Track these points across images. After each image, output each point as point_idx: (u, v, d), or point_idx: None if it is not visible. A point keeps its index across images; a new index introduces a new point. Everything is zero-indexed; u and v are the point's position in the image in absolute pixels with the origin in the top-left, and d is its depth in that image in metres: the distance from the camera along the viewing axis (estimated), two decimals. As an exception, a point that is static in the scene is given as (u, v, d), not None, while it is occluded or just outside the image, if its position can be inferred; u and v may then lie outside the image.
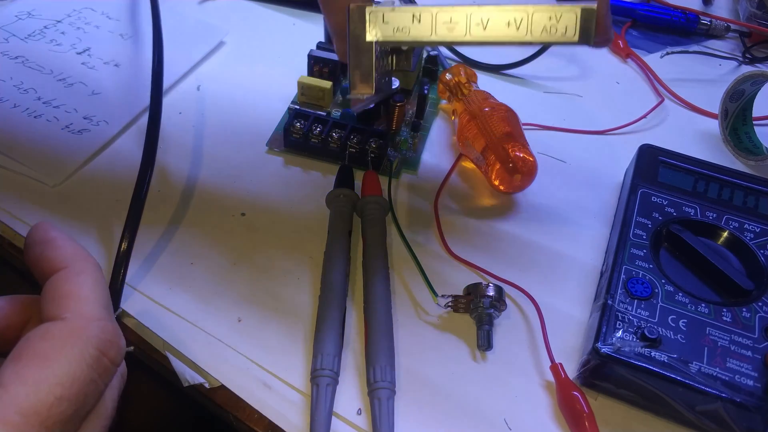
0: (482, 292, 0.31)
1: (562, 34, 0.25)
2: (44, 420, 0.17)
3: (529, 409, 0.29)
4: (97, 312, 0.20)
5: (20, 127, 0.39)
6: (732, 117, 0.43)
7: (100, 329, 0.20)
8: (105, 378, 0.20)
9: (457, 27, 0.25)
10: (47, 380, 0.18)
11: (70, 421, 0.18)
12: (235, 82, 0.45)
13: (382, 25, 0.26)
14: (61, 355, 0.18)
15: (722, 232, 0.33)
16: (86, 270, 0.21)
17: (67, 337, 0.19)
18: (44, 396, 0.17)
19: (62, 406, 0.18)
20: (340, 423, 0.28)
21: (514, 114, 0.39)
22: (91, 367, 0.19)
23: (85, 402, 0.19)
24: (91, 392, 0.19)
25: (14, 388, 0.17)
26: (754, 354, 0.28)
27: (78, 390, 0.18)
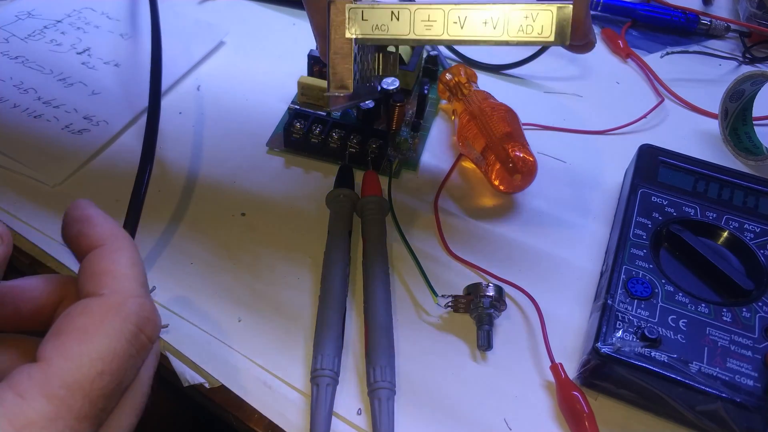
0: (482, 292, 0.31)
1: (538, 34, 0.25)
2: (88, 394, 0.17)
3: (529, 409, 0.29)
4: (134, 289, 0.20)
5: (20, 127, 0.39)
6: (732, 117, 0.43)
7: (138, 306, 0.20)
8: (142, 354, 0.20)
9: (435, 25, 0.26)
10: (88, 354, 0.18)
11: (111, 395, 0.18)
12: (235, 82, 0.45)
13: (362, 23, 0.26)
14: (100, 330, 0.19)
15: (722, 232, 0.33)
16: (123, 248, 0.21)
17: (105, 312, 0.19)
18: (87, 370, 0.18)
19: (104, 381, 0.18)
20: (340, 423, 0.28)
21: (514, 114, 0.39)
22: (129, 342, 0.19)
23: (124, 377, 0.19)
24: (129, 367, 0.19)
25: (57, 362, 0.18)
26: (754, 354, 0.28)
27: (118, 365, 0.19)
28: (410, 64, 0.43)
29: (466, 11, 0.25)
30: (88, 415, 0.17)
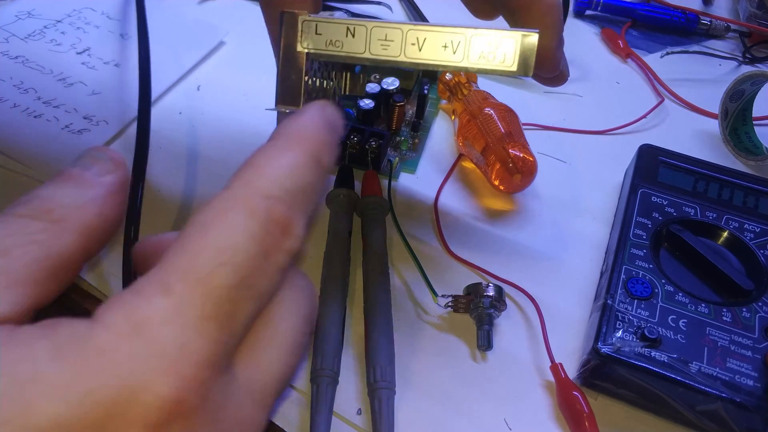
0: (482, 292, 0.31)
1: (501, 62, 0.23)
2: (208, 290, 0.15)
3: (529, 409, 0.29)
4: (271, 189, 0.17)
5: (20, 127, 0.39)
6: (732, 117, 0.43)
7: (267, 207, 0.17)
8: (272, 262, 0.17)
9: (392, 45, 0.24)
10: (207, 247, 0.16)
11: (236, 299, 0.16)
12: (235, 82, 0.45)
13: (315, 37, 0.25)
14: (221, 223, 0.16)
15: (722, 232, 0.33)
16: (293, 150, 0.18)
17: (229, 205, 0.17)
18: (204, 261, 0.16)
19: (224, 275, 0.16)
20: (340, 423, 0.28)
21: (514, 114, 0.39)
22: (253, 240, 0.16)
23: (251, 282, 0.16)
24: (256, 271, 0.16)
25: (174, 258, 0.16)
26: (754, 354, 0.28)
27: (240, 261, 0.16)
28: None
29: (425, 33, 0.24)
30: (211, 315, 0.15)
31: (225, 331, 0.16)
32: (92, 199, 0.18)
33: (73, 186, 0.18)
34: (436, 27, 0.23)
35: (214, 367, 0.15)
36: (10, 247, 0.16)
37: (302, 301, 0.19)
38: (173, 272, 0.16)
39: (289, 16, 0.25)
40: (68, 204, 0.18)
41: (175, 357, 0.14)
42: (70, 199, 0.18)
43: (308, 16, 0.24)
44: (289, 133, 0.19)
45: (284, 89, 0.26)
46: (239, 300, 0.16)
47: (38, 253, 0.16)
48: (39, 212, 0.17)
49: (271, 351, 0.18)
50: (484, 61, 0.23)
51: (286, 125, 0.20)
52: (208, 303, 0.15)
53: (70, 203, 0.18)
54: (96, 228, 0.18)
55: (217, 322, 0.15)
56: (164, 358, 0.14)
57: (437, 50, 0.24)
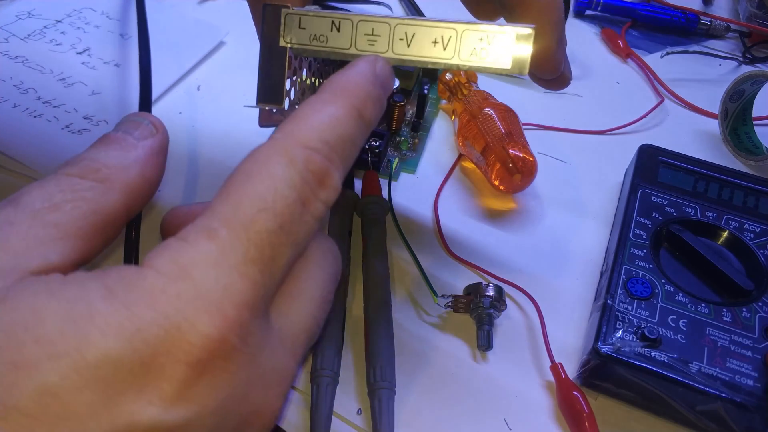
0: (482, 292, 0.31)
1: (494, 59, 0.22)
2: (251, 235, 0.16)
3: (529, 409, 0.29)
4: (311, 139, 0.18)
5: (20, 127, 0.39)
6: (732, 117, 0.43)
7: (305, 157, 0.17)
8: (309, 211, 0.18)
9: (379, 41, 0.23)
10: (248, 195, 0.17)
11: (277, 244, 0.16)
12: (235, 82, 0.45)
13: (298, 31, 0.23)
14: (262, 171, 0.17)
15: (722, 232, 0.33)
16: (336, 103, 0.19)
17: (271, 154, 0.18)
18: (247, 208, 0.16)
19: (266, 219, 0.16)
20: (340, 423, 0.28)
21: (514, 114, 0.39)
22: (293, 188, 0.17)
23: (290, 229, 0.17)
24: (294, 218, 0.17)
25: (217, 206, 0.17)
26: (754, 354, 0.28)
27: (281, 207, 0.17)
28: None
29: (414, 28, 0.22)
30: (254, 259, 0.16)
31: (265, 275, 0.16)
32: (135, 160, 0.19)
33: (118, 148, 0.19)
34: (426, 21, 0.22)
35: (254, 310, 0.16)
36: (61, 203, 0.17)
37: (329, 260, 0.20)
38: (217, 218, 0.16)
39: (272, 8, 0.23)
40: (113, 165, 0.19)
41: (218, 298, 0.15)
42: (115, 160, 0.19)
43: (292, 9, 0.23)
44: (334, 86, 0.19)
45: (265, 86, 0.25)
46: (279, 245, 0.17)
47: (86, 210, 0.17)
48: (87, 171, 0.18)
49: (301, 304, 0.19)
50: (476, 58, 0.22)
51: (334, 78, 0.20)
52: (251, 247, 0.16)
53: (115, 164, 0.19)
54: (138, 188, 0.19)
55: (259, 265, 0.16)
56: (209, 299, 0.15)
57: (427, 46, 0.22)
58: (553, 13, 0.25)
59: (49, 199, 0.17)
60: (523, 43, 0.22)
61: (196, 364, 0.15)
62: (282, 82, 0.25)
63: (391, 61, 0.23)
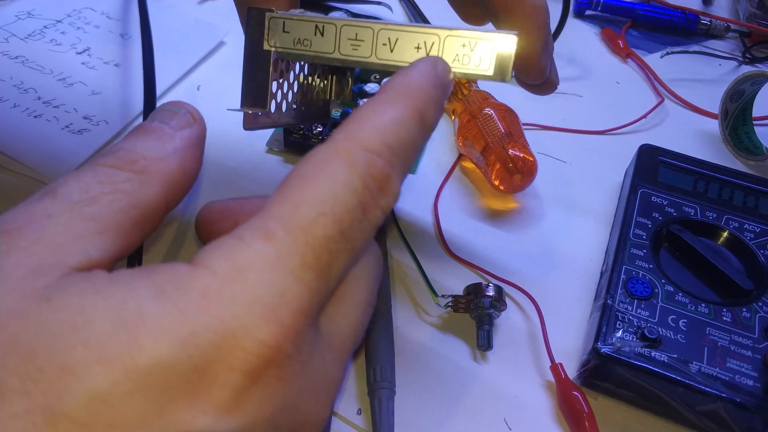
0: (482, 292, 0.31)
1: (476, 66, 0.22)
2: (309, 239, 0.15)
3: (529, 409, 0.29)
4: (373, 144, 0.17)
5: (20, 127, 0.39)
6: (732, 117, 0.43)
7: (367, 161, 0.17)
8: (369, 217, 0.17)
9: (363, 45, 0.23)
10: (308, 197, 0.16)
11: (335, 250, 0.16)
12: (235, 82, 0.45)
13: (282, 35, 0.24)
14: (322, 174, 0.16)
15: (722, 232, 0.33)
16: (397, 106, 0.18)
17: (331, 157, 0.17)
18: (306, 211, 0.16)
19: (326, 224, 0.16)
20: (340, 423, 0.28)
21: (514, 114, 0.39)
22: (353, 193, 0.16)
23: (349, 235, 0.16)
24: (355, 223, 0.16)
25: (276, 207, 0.16)
26: (754, 354, 0.28)
27: (341, 212, 0.16)
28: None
29: (397, 33, 0.22)
30: (311, 264, 0.15)
31: (321, 282, 0.16)
32: (173, 151, 0.18)
33: (155, 138, 0.18)
34: (409, 27, 0.22)
35: (308, 317, 0.15)
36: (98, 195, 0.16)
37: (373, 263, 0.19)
38: (275, 219, 0.15)
39: (256, 12, 0.23)
40: (151, 156, 0.18)
41: (275, 303, 0.14)
42: (152, 151, 0.18)
43: (276, 12, 0.23)
44: (396, 88, 0.19)
45: (249, 89, 0.25)
46: (337, 252, 0.16)
47: (125, 202, 0.17)
48: (124, 162, 0.17)
49: (348, 308, 0.18)
50: (458, 65, 0.22)
51: (394, 79, 0.19)
52: (309, 252, 0.15)
53: (152, 155, 0.18)
54: (177, 180, 0.18)
55: (316, 271, 0.15)
56: (265, 303, 0.14)
57: (410, 51, 0.22)
58: (538, 18, 0.25)
59: (87, 191, 0.16)
60: (505, 50, 0.22)
61: (251, 371, 0.14)
62: (266, 85, 0.25)
63: (376, 66, 0.23)
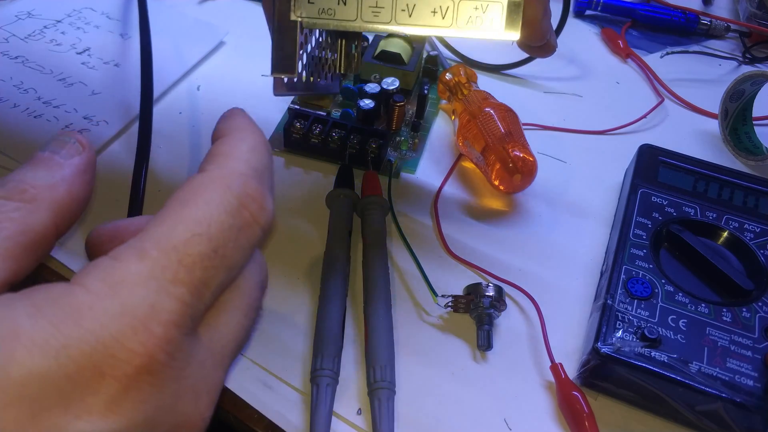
0: (482, 292, 0.31)
1: (489, 26, 0.25)
2: (182, 257, 0.16)
3: (529, 409, 0.29)
4: (242, 169, 0.19)
5: (20, 127, 0.39)
6: (732, 117, 0.43)
7: (242, 183, 0.18)
8: (246, 234, 0.18)
9: (383, 12, 0.25)
10: (183, 219, 0.17)
11: (209, 267, 0.17)
12: (235, 82, 0.45)
13: (308, 6, 0.26)
14: (198, 198, 0.18)
15: (722, 232, 0.33)
16: (248, 138, 0.20)
17: (206, 184, 0.18)
18: (180, 232, 0.17)
19: (199, 244, 0.17)
20: (340, 423, 0.28)
21: (514, 114, 0.39)
22: (228, 213, 0.18)
23: (224, 252, 0.17)
24: (231, 242, 0.17)
25: (153, 228, 0.17)
26: (754, 354, 0.28)
27: (215, 232, 0.17)
28: (410, 64, 0.43)
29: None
30: (183, 280, 0.16)
31: (195, 296, 0.17)
32: (62, 179, 0.19)
33: (44, 168, 0.19)
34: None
35: (181, 328, 0.16)
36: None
37: (255, 269, 0.20)
38: (150, 240, 0.17)
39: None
40: (40, 184, 0.19)
41: (146, 316, 0.15)
42: (41, 180, 0.19)
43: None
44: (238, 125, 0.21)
45: (279, 57, 0.27)
46: (212, 268, 0.17)
47: (14, 230, 0.18)
48: (13, 193, 0.18)
49: (230, 316, 0.19)
50: (471, 26, 0.25)
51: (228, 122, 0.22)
52: (181, 269, 0.16)
53: (41, 184, 0.19)
54: (66, 205, 0.19)
55: (188, 286, 0.16)
56: (135, 316, 0.15)
57: (426, 15, 0.25)
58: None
59: None
60: (514, 11, 0.25)
61: (123, 378, 0.15)
62: (294, 53, 0.27)
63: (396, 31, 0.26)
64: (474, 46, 0.49)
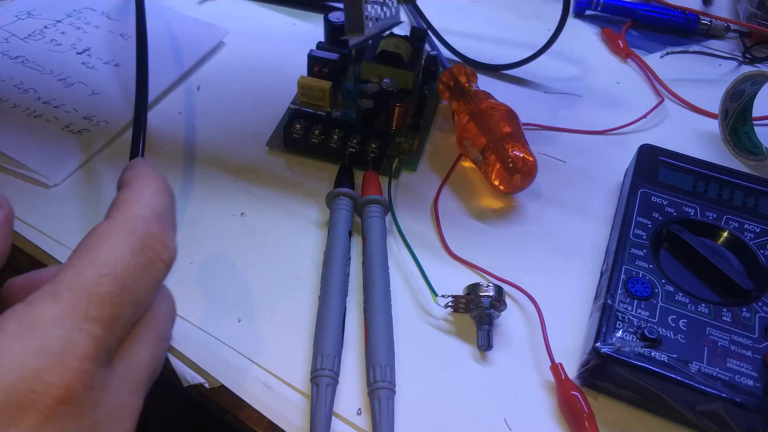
0: (482, 292, 0.31)
1: None
2: (92, 297, 0.18)
3: (529, 409, 0.29)
4: (145, 213, 0.21)
5: (20, 127, 0.39)
6: (732, 117, 0.43)
7: (145, 225, 0.20)
8: (152, 271, 0.20)
9: None
10: (92, 262, 0.19)
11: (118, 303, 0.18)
12: (235, 82, 0.45)
13: None
14: (105, 243, 0.19)
15: (722, 232, 0.33)
16: (149, 184, 0.22)
17: (111, 229, 0.20)
18: (90, 274, 0.18)
19: (108, 284, 0.18)
20: (340, 423, 0.28)
21: (514, 114, 0.39)
22: (134, 254, 0.19)
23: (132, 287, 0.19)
24: (137, 280, 0.19)
25: (63, 273, 0.18)
26: (754, 354, 0.28)
27: (122, 271, 0.19)
28: (410, 64, 0.43)
29: None
30: (95, 317, 0.18)
31: (107, 331, 0.18)
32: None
33: None
34: None
35: (96, 361, 0.18)
36: None
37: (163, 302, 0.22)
38: (62, 284, 0.18)
39: None
40: None
41: (62, 352, 0.17)
42: None
43: None
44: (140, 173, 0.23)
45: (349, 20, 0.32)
46: (121, 305, 0.19)
47: None
48: None
49: (142, 346, 0.21)
50: None
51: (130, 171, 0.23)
52: (92, 307, 0.18)
53: None
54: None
55: (100, 322, 0.18)
56: (52, 353, 0.17)
57: None
58: None
59: None
60: None
61: (44, 410, 0.16)
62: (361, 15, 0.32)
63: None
64: (474, 46, 0.49)
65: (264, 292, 0.32)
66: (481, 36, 0.52)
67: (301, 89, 0.42)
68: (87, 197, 0.36)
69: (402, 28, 0.52)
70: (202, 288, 0.32)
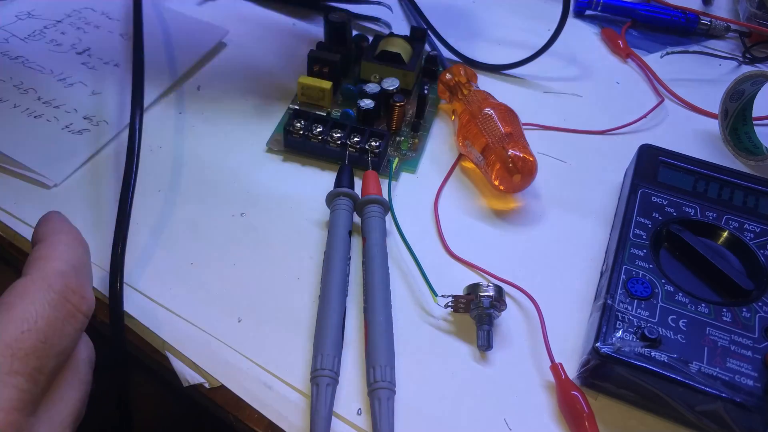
0: (482, 292, 0.31)
1: None
2: (15, 351, 0.19)
3: (529, 409, 0.29)
4: (61, 268, 0.22)
5: (20, 127, 0.39)
6: (732, 117, 0.43)
7: (62, 280, 0.21)
8: (71, 323, 0.21)
9: None
10: (13, 319, 0.20)
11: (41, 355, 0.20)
12: (235, 82, 0.45)
13: None
14: (24, 299, 0.20)
15: (722, 232, 0.33)
16: (63, 239, 0.23)
17: (29, 286, 0.21)
18: (12, 331, 0.19)
19: (30, 338, 0.19)
20: (340, 423, 0.28)
21: (514, 114, 0.39)
22: (54, 307, 0.21)
23: (52, 340, 0.20)
24: (57, 331, 0.20)
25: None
26: (754, 354, 0.28)
27: (44, 326, 0.20)
28: (410, 64, 0.43)
29: None
30: (19, 371, 0.19)
31: (31, 382, 0.19)
32: None
33: None
34: None
35: (22, 411, 0.19)
36: None
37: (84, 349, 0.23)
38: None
39: None
40: None
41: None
42: None
43: None
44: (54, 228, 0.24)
45: None
46: (44, 357, 0.20)
47: None
48: None
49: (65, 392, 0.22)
50: None
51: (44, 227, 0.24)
52: (15, 361, 0.19)
53: None
54: None
55: (24, 375, 0.19)
56: None
57: None
58: None
59: None
60: None
61: None
62: None
63: None
64: (474, 46, 0.49)
65: (264, 292, 0.32)
66: (481, 36, 0.52)
67: (301, 89, 0.42)
68: (87, 197, 0.36)
69: (402, 28, 0.52)
70: (202, 288, 0.32)
